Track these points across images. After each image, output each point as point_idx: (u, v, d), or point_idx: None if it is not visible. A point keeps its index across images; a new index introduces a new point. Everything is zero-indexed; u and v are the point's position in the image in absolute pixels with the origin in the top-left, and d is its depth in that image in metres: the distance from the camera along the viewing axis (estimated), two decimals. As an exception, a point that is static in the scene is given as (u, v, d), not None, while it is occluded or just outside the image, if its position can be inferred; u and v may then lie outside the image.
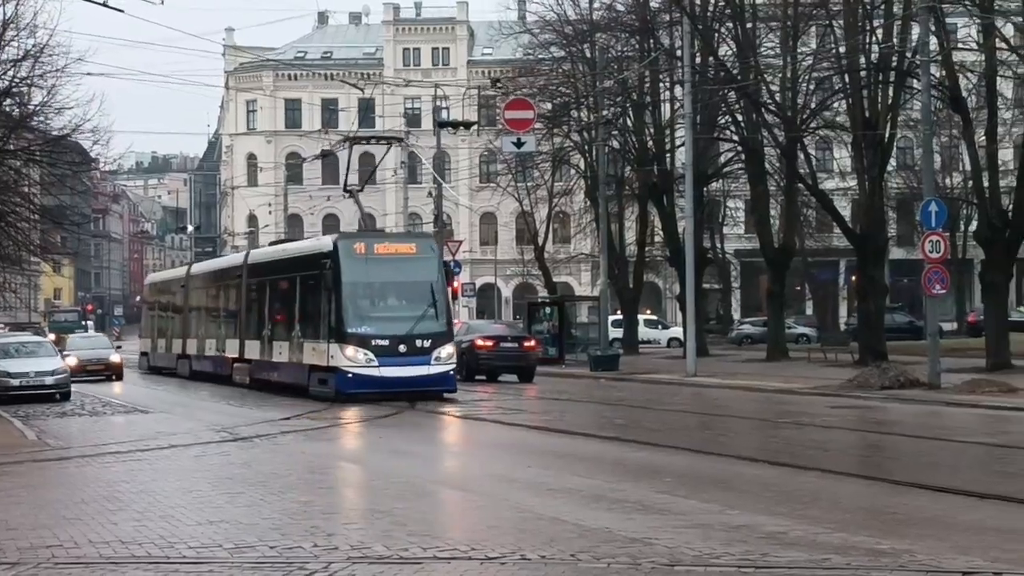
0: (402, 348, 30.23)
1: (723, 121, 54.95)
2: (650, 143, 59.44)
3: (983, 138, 44.42)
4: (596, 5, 59.52)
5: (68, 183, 49.92)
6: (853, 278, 65.98)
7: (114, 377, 46.53)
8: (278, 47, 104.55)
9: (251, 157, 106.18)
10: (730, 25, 52.61)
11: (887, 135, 47.65)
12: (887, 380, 36.28)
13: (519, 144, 50.37)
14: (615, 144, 60.47)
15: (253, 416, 29.77)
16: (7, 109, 37.25)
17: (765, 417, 28.82)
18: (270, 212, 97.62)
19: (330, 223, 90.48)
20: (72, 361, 43.01)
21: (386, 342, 30.17)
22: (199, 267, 56.10)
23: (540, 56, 62.16)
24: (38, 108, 38.06)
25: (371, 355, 29.94)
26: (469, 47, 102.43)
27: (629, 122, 60.94)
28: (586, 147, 61.56)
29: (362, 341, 30.12)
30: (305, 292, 34.18)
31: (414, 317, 31.19)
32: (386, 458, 21.69)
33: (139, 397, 39.13)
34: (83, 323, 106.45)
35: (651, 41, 57.05)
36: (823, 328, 72.34)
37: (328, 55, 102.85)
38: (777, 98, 50.79)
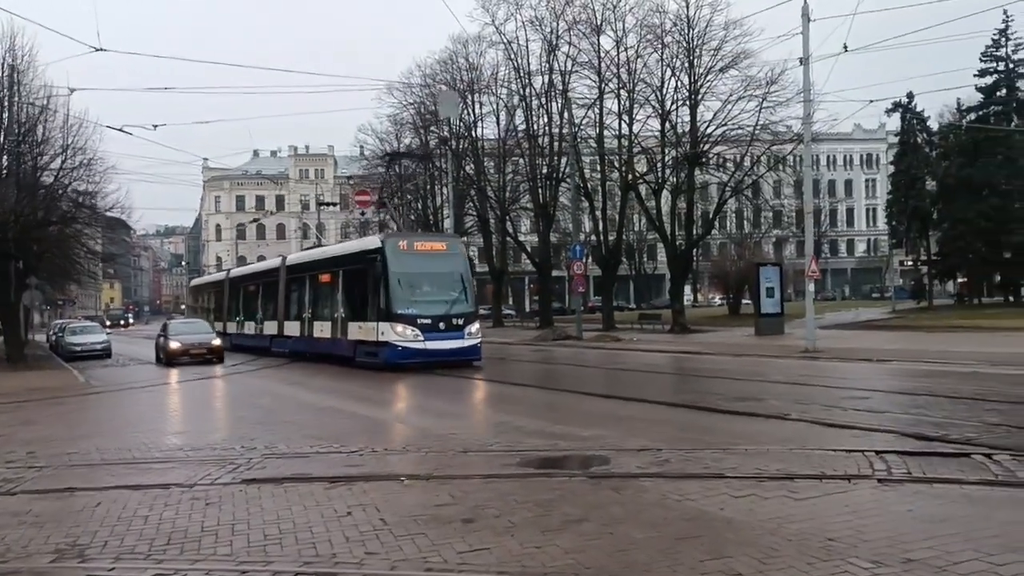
0: (441, 326, 21.22)
1: (468, 205, 53.36)
2: (431, 216, 57.67)
3: (599, 212, 44.34)
4: (402, 144, 57.13)
5: (113, 236, 46.33)
6: (533, 285, 65.76)
7: (215, 360, 26.93)
8: (232, 167, 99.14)
9: (217, 226, 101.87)
10: (471, 155, 51.17)
11: (552, 211, 47.18)
12: (555, 335, 35.67)
13: (362, 215, 48.90)
14: (413, 217, 58.23)
15: (223, 366, 25.93)
16: (70, 195, 33.31)
17: (499, 357, 27.14)
18: (228, 255, 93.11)
19: (262, 259, 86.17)
20: (175, 346, 26.87)
21: (429, 321, 21.11)
22: (236, 271, 41.39)
23: (373, 171, 59.49)
24: (90, 194, 34.18)
25: (418, 331, 20.91)
26: (334, 168, 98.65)
27: (420, 205, 58.91)
28: (399, 218, 59.64)
29: (410, 320, 20.99)
30: (350, 282, 24.05)
31: (449, 300, 21.90)
32: (292, 389, 19.09)
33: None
34: (126, 315, 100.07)
35: (431, 162, 55.16)
36: (519, 310, 71.58)
37: (259, 172, 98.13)
38: (495, 193, 49.55)
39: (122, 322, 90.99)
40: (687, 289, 64.67)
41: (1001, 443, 8.30)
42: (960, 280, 54.53)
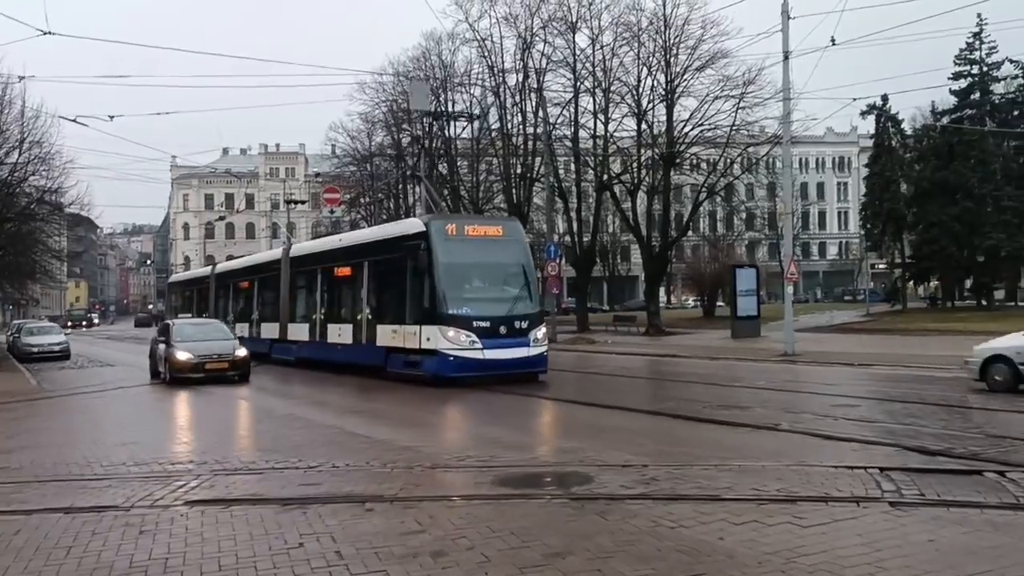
0: (503, 330, 16.50)
1: (443, 205, 52.49)
2: (403, 215, 56.71)
3: (573, 212, 43.82)
4: (374, 143, 56.23)
5: (74, 234, 45.09)
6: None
7: (238, 378, 19.14)
8: (201, 165, 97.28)
9: (185, 225, 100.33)
10: (444, 154, 50.34)
11: (526, 211, 46.39)
12: (530, 338, 34.77)
13: (332, 212, 48.07)
14: (384, 216, 57.30)
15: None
16: (27, 190, 32.22)
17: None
18: (196, 253, 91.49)
19: (231, 258, 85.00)
20: (183, 357, 18.78)
21: (487, 324, 16.40)
22: (225, 265, 36.38)
23: (344, 169, 58.45)
24: (50, 189, 33.18)
25: (474, 337, 16.20)
26: (305, 166, 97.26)
27: (391, 204, 57.95)
28: (370, 217, 58.63)
29: (464, 323, 16.32)
30: (380, 276, 19.46)
31: (511, 299, 17.39)
32: (259, 396, 18.04)
33: (121, 357, 32.96)
34: (89, 315, 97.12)
35: (403, 161, 54.27)
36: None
37: (228, 170, 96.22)
38: (468, 192, 48.77)
39: (84, 322, 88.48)
40: (660, 291, 64.49)
41: (1011, 459, 7.75)
42: (933, 283, 54.57)
